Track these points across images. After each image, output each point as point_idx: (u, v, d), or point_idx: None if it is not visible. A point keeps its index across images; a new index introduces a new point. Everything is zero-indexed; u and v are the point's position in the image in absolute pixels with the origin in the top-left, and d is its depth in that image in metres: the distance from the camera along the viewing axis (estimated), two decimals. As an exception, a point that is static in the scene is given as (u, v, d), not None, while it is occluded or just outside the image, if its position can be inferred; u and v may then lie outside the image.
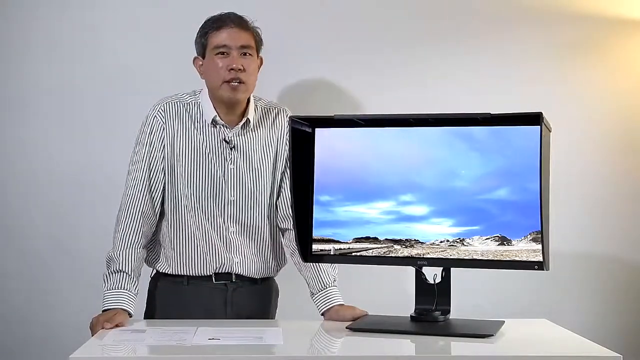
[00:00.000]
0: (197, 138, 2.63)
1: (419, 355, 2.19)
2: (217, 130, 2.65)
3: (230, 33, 2.61)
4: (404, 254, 2.42)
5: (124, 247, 2.57)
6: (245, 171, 2.65)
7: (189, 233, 2.63)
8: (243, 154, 2.65)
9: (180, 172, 2.62)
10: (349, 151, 2.47)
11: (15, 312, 3.18)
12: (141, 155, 2.63)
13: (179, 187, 2.62)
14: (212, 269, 2.63)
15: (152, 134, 2.63)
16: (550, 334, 2.37)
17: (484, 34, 3.22)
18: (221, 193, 2.63)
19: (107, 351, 2.13)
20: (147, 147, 2.63)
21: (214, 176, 2.63)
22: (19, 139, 3.17)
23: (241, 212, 2.64)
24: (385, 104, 3.14)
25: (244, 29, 2.64)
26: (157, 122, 2.63)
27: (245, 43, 2.63)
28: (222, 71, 2.60)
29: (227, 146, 2.64)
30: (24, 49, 3.16)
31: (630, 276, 3.26)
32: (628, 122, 3.25)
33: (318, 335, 2.33)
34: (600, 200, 3.25)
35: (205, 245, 2.62)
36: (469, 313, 2.52)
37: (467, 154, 2.36)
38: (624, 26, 3.22)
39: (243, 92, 2.62)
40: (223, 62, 2.60)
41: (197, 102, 2.67)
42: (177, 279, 2.65)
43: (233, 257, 2.63)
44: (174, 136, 2.63)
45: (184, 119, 2.64)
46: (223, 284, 2.64)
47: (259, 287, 2.70)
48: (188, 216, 2.62)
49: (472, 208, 2.36)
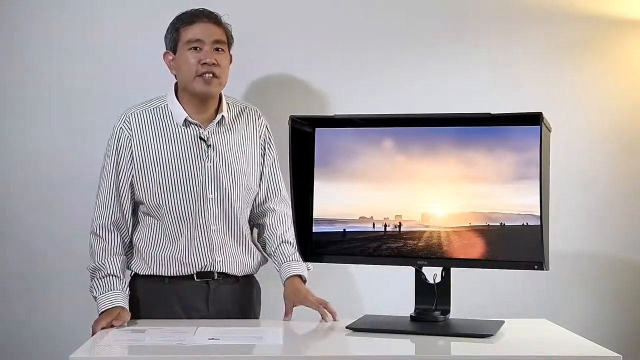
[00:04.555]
0: (169, 141, 2.63)
1: (419, 355, 2.19)
2: (190, 130, 2.64)
3: (203, 28, 2.61)
4: (404, 254, 2.42)
5: (106, 256, 2.60)
6: (223, 168, 2.64)
7: (169, 235, 2.63)
8: (219, 152, 2.65)
9: (157, 177, 2.62)
10: (349, 151, 2.47)
11: (16, 312, 3.17)
12: (109, 168, 2.65)
13: (157, 192, 2.62)
14: (194, 268, 2.63)
15: (119, 145, 2.64)
16: (550, 334, 2.37)
17: (484, 34, 3.22)
18: (200, 191, 2.62)
19: (107, 351, 2.13)
20: (114, 159, 2.64)
21: (192, 176, 2.62)
22: (19, 139, 3.17)
23: (221, 210, 2.64)
24: (385, 104, 3.14)
25: (217, 24, 2.64)
26: (123, 134, 2.64)
27: (219, 38, 2.63)
28: (194, 65, 2.60)
29: (204, 144, 2.64)
30: (24, 49, 3.16)
31: (630, 276, 3.26)
32: (628, 122, 3.25)
33: (318, 335, 2.33)
34: (600, 200, 3.25)
35: (187, 246, 2.62)
36: (469, 313, 2.52)
37: (467, 154, 2.36)
38: (624, 26, 3.22)
39: (216, 86, 2.62)
40: (196, 56, 2.60)
41: (164, 105, 2.67)
42: (157, 278, 2.64)
43: (215, 256, 2.63)
44: (143, 144, 2.63)
45: (152, 124, 2.64)
46: (205, 282, 2.64)
47: (240, 285, 2.70)
48: (168, 218, 2.62)
49: (473, 208, 2.36)
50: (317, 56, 3.20)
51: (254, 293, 2.76)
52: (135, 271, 2.68)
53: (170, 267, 2.63)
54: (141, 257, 2.65)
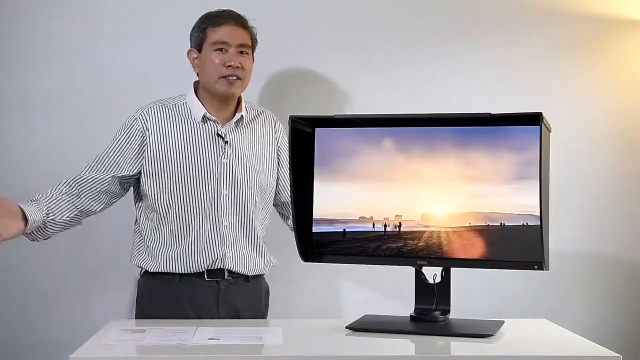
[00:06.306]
0: (186, 136, 2.65)
1: (419, 355, 2.19)
2: (208, 126, 2.66)
3: (229, 30, 2.64)
4: (404, 254, 2.42)
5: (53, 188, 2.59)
6: (239, 166, 2.66)
7: (180, 230, 2.64)
8: (236, 149, 2.67)
9: (172, 171, 2.63)
10: (349, 151, 2.47)
11: (15, 312, 3.17)
12: (113, 146, 2.65)
13: (172, 186, 2.63)
14: (205, 264, 2.63)
15: (130, 134, 2.65)
16: (550, 334, 2.37)
17: (484, 33, 3.22)
18: (215, 187, 2.64)
19: (107, 351, 2.13)
20: (120, 144, 2.65)
21: (207, 171, 2.64)
22: (19, 139, 3.17)
23: (235, 206, 2.66)
24: (385, 104, 3.14)
25: (243, 27, 2.67)
26: (137, 125, 2.65)
27: (244, 42, 2.66)
28: (219, 67, 2.62)
29: (221, 141, 2.65)
30: (24, 49, 3.16)
31: (630, 276, 3.27)
32: (628, 122, 3.25)
33: (318, 335, 2.33)
34: (600, 200, 3.25)
35: (199, 240, 2.63)
36: (469, 313, 2.52)
37: (467, 154, 2.36)
38: (624, 26, 3.22)
39: (238, 87, 2.66)
40: (220, 58, 2.63)
41: (182, 102, 2.69)
42: (168, 276, 2.65)
43: (226, 251, 2.64)
44: (159, 138, 2.64)
45: (169, 120, 2.66)
46: (215, 281, 2.65)
47: (250, 285, 2.71)
48: (180, 213, 2.63)
49: (473, 208, 2.36)
50: (316, 56, 3.21)
51: (262, 294, 2.77)
52: (145, 268, 2.68)
53: (180, 263, 2.63)
54: (150, 254, 2.66)
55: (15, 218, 2.42)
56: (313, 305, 3.17)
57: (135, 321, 2.61)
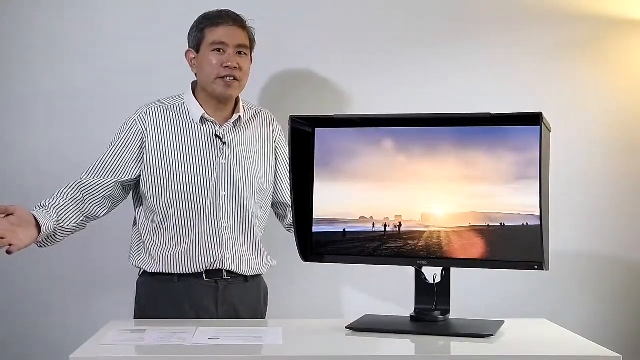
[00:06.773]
0: (185, 137, 2.65)
1: (419, 355, 2.19)
2: (206, 127, 2.66)
3: (228, 31, 2.64)
4: (404, 254, 2.42)
5: (59, 193, 2.58)
6: (237, 166, 2.66)
7: (179, 232, 2.64)
8: (234, 150, 2.67)
9: (170, 172, 2.63)
10: (349, 151, 2.47)
11: (15, 312, 3.17)
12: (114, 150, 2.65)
13: (170, 187, 2.63)
14: (203, 264, 2.63)
15: (129, 135, 2.65)
16: (550, 334, 2.37)
17: (484, 34, 3.22)
18: (214, 188, 2.64)
19: (107, 351, 2.13)
20: (120, 145, 2.64)
21: (206, 171, 2.64)
22: (20, 139, 3.17)
23: (233, 207, 2.65)
24: (385, 104, 3.14)
25: (241, 27, 2.67)
26: (136, 127, 2.65)
27: (242, 42, 2.65)
28: (217, 67, 2.62)
29: (219, 142, 2.65)
30: (24, 49, 3.16)
31: (630, 276, 3.26)
32: (628, 122, 3.25)
33: (318, 335, 2.33)
34: (600, 200, 3.25)
35: (197, 241, 2.63)
36: (469, 313, 2.52)
37: (467, 154, 2.36)
38: (624, 26, 3.22)
39: (236, 88, 2.65)
40: (218, 58, 2.62)
41: (180, 103, 2.69)
42: (166, 277, 2.65)
43: (225, 252, 2.64)
44: (157, 139, 2.64)
45: (168, 120, 2.66)
46: (214, 281, 2.65)
47: (249, 284, 2.71)
48: (179, 214, 2.63)
49: (473, 208, 2.36)
50: (316, 56, 3.21)
51: (261, 293, 2.77)
52: (144, 269, 2.68)
53: (179, 264, 2.63)
54: (149, 254, 2.66)
55: (29, 227, 2.40)
56: (313, 305, 3.17)
57: (135, 321, 2.61)
